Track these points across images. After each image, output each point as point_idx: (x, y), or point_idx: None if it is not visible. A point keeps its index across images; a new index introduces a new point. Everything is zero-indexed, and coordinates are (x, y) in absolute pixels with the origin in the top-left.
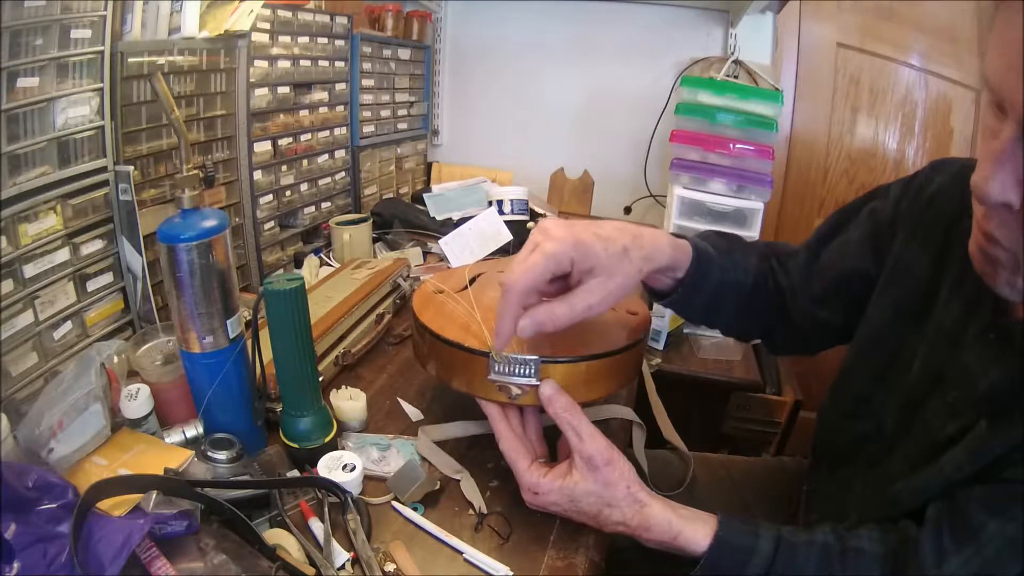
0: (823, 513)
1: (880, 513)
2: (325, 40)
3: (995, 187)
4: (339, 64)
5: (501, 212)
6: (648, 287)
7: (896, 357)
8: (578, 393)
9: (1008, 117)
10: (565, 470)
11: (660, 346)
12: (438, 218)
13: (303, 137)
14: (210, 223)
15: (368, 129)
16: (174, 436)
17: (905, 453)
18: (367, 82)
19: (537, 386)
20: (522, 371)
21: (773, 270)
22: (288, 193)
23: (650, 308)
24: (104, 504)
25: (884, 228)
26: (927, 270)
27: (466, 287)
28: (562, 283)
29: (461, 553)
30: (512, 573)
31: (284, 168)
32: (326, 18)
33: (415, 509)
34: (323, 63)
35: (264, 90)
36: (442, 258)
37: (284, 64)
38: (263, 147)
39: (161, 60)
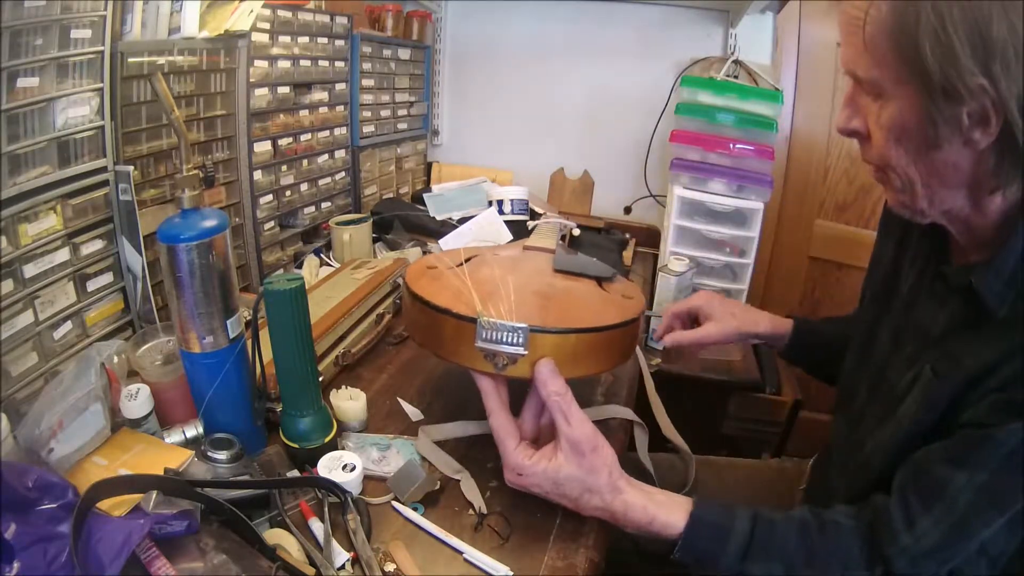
0: (815, 502)
1: (857, 483)
2: (325, 40)
3: (841, 120)
4: (339, 64)
5: (501, 212)
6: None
7: (871, 337)
8: (564, 368)
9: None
10: (550, 453)
11: (660, 346)
12: (438, 218)
13: (303, 137)
14: (210, 223)
15: (368, 129)
16: (174, 436)
17: (873, 414)
18: (367, 82)
19: (524, 356)
20: (510, 339)
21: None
22: (288, 193)
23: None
24: (104, 504)
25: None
26: (892, 256)
27: (461, 264)
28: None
29: (461, 553)
30: (512, 573)
31: (284, 168)
32: (326, 18)
33: (415, 509)
34: (323, 63)
35: (264, 90)
36: None
37: (284, 64)
38: (263, 147)
39: (161, 60)
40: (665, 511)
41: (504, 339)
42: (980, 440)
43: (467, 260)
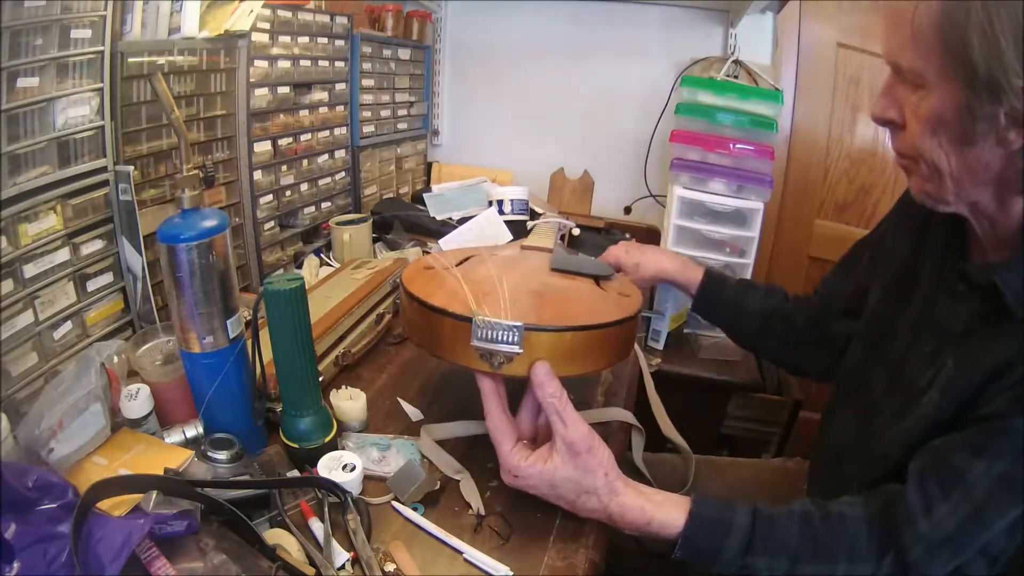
0: (820, 497)
1: (870, 473)
2: (325, 40)
3: (878, 108)
4: (339, 64)
5: (501, 212)
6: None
7: (887, 331)
8: (561, 366)
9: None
10: (546, 454)
11: (660, 346)
12: (438, 218)
13: (303, 137)
14: (210, 223)
15: (368, 129)
16: (174, 436)
17: (892, 408)
18: (367, 82)
19: (520, 354)
20: (505, 338)
21: (791, 307)
22: (288, 193)
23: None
24: (104, 504)
25: (881, 239)
26: (910, 251)
27: (458, 264)
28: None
29: (461, 553)
30: (512, 573)
31: (284, 168)
32: (326, 18)
33: (415, 509)
34: (323, 63)
35: (264, 90)
36: None
37: (284, 64)
38: (263, 147)
39: (161, 60)
40: (663, 511)
41: (500, 338)
42: (1000, 430)
43: (464, 260)
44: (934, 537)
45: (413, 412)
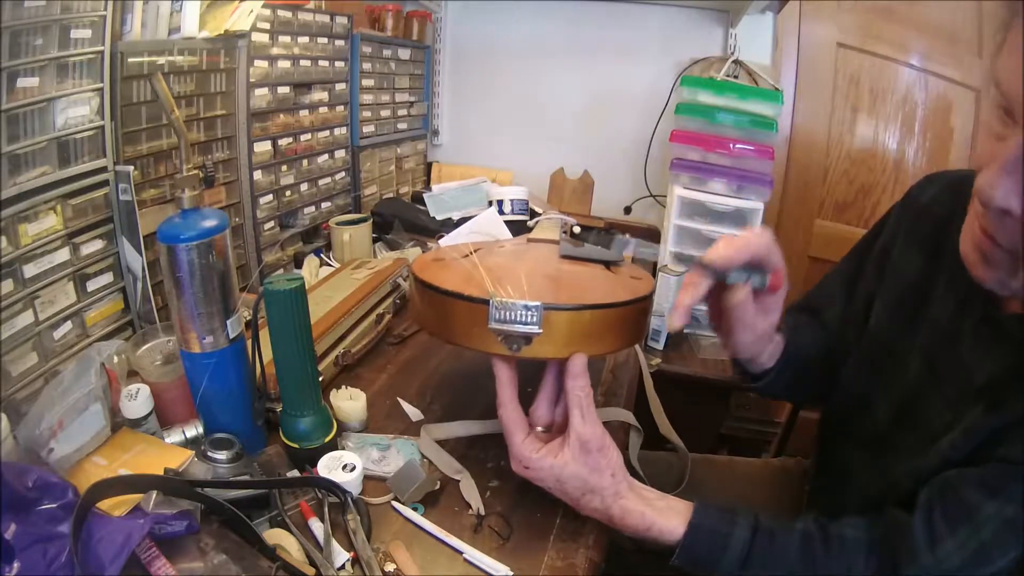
0: (823, 511)
1: (876, 497)
2: (325, 40)
3: (1000, 194)
4: (339, 64)
5: (501, 212)
6: (746, 372)
7: (892, 354)
8: (576, 346)
9: (1018, 124)
10: (556, 448)
11: (660, 346)
12: (438, 218)
13: (303, 137)
14: (210, 223)
15: (368, 129)
16: (174, 436)
17: (906, 445)
18: (367, 82)
19: (539, 334)
20: (524, 318)
21: (819, 335)
22: (288, 193)
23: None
24: (104, 504)
25: (885, 251)
26: (920, 270)
27: (468, 254)
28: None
29: (461, 553)
30: (512, 573)
31: (284, 168)
32: (326, 18)
33: (415, 509)
34: (323, 63)
35: (264, 90)
36: None
37: (284, 64)
38: (263, 147)
39: (161, 60)
40: (664, 518)
41: (518, 318)
42: (1017, 475)
43: (472, 252)
44: (936, 572)
45: (413, 412)
